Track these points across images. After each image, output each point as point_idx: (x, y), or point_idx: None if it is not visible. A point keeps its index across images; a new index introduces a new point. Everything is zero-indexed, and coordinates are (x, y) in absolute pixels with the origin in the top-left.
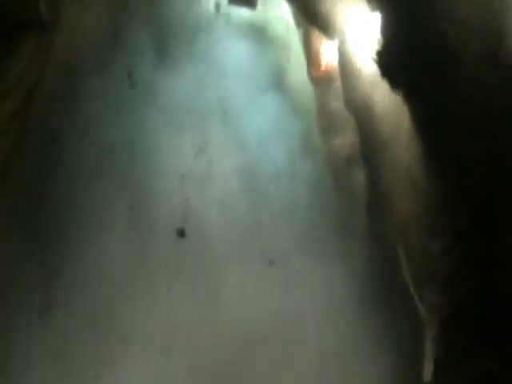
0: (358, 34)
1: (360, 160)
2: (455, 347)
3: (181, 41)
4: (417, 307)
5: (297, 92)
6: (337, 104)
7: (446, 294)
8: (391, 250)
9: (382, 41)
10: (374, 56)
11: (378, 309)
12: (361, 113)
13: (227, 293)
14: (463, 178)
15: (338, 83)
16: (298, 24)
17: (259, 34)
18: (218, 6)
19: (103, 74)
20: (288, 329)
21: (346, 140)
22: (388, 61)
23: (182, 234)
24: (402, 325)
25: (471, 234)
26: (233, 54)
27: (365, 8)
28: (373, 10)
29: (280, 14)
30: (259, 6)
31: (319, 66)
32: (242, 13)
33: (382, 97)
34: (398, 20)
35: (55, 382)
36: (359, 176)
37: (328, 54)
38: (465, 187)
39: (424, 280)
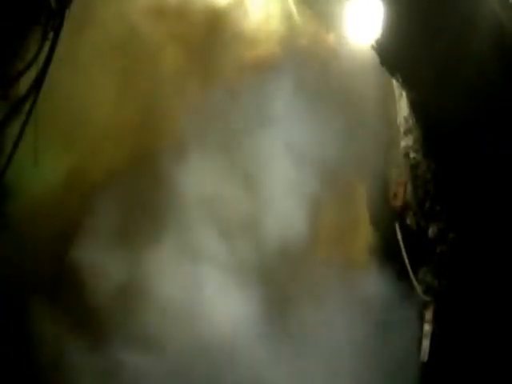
0: (359, 23)
1: None
2: (451, 328)
3: None
4: (414, 288)
5: None
6: None
7: (442, 276)
8: (389, 233)
9: (381, 30)
10: (374, 44)
11: None
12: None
13: None
14: (458, 165)
15: None
16: None
17: None
18: None
19: None
20: None
21: None
22: (387, 49)
23: None
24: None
25: (465, 218)
26: None
27: None
28: None
29: None
30: None
31: None
32: None
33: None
34: (398, 10)
35: None
36: None
37: None
38: (459, 174)
39: (421, 262)
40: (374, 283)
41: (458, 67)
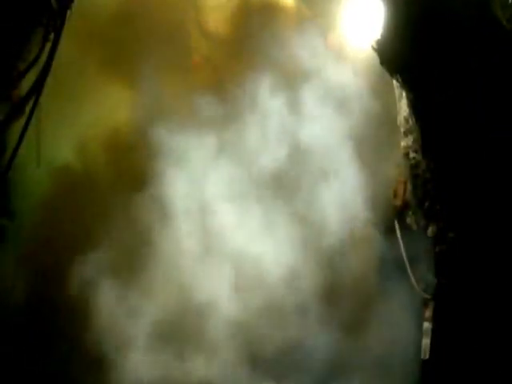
0: (359, 23)
1: None
2: (451, 326)
3: None
4: (414, 287)
5: None
6: None
7: (441, 274)
8: (389, 231)
9: (382, 30)
10: (374, 44)
11: None
12: None
13: None
14: (458, 165)
15: None
16: None
17: None
18: None
19: None
20: None
21: None
22: (387, 49)
23: None
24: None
25: (464, 218)
26: None
27: None
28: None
29: None
30: None
31: None
32: None
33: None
34: (399, 10)
35: None
36: None
37: None
38: (459, 173)
39: (420, 260)
40: (374, 282)
41: (458, 67)
